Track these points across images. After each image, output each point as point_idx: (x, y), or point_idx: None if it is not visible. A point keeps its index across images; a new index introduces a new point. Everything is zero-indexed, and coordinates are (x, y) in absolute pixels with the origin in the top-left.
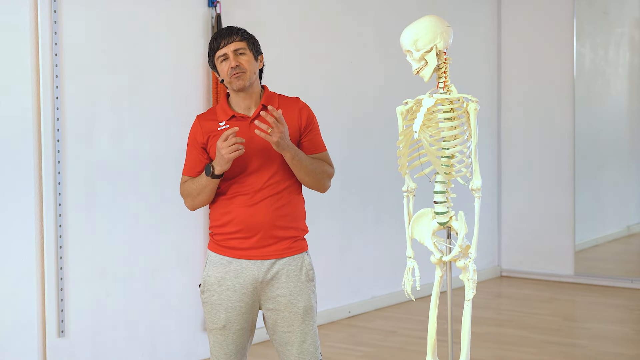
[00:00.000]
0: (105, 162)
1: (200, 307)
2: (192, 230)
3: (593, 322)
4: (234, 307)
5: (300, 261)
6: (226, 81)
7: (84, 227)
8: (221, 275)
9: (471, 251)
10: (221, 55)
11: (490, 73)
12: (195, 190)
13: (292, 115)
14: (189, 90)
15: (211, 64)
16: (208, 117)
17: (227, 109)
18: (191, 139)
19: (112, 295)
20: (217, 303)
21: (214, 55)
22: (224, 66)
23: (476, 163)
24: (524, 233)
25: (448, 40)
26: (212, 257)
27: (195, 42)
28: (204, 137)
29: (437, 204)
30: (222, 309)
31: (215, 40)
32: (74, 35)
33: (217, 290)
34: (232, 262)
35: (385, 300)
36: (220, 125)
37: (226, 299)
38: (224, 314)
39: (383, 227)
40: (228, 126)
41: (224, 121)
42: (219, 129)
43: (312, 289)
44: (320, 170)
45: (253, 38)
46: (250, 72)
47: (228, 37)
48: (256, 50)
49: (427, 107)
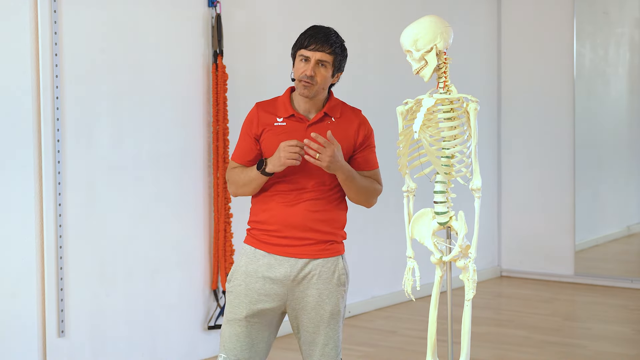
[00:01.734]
0: (106, 162)
1: (201, 307)
2: (193, 231)
3: (593, 322)
4: (260, 299)
5: (335, 264)
6: (295, 80)
7: (84, 227)
8: (253, 267)
9: (471, 251)
10: (304, 55)
11: (490, 73)
12: (242, 180)
13: (350, 128)
14: (189, 90)
15: (292, 52)
16: (267, 109)
17: (288, 106)
18: (246, 126)
19: (112, 295)
20: (242, 293)
21: (296, 47)
22: (300, 66)
23: (476, 163)
24: (524, 233)
25: (448, 40)
26: (247, 249)
27: (195, 42)
28: (259, 128)
29: (437, 204)
30: (247, 299)
31: (308, 37)
32: (74, 35)
33: (245, 280)
34: (266, 256)
35: (385, 300)
36: (277, 121)
37: (253, 290)
38: (247, 304)
39: (383, 227)
40: (285, 123)
41: (282, 117)
42: (276, 124)
43: (342, 294)
44: (370, 189)
45: (343, 54)
46: (320, 86)
47: (321, 44)
48: (339, 67)
49: (427, 107)
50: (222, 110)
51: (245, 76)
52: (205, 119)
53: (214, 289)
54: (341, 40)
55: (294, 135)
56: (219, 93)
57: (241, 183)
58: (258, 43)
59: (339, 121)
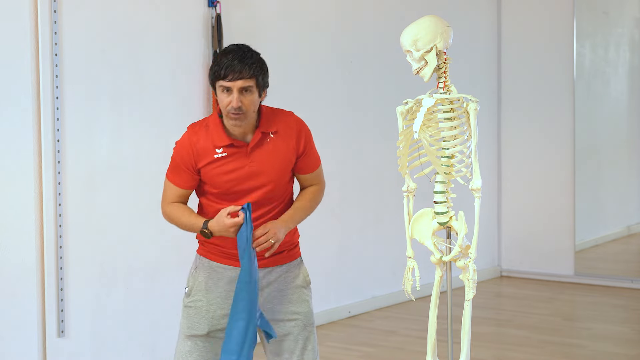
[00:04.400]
0: (106, 162)
1: None
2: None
3: (593, 322)
4: (223, 314)
5: (297, 268)
6: (223, 112)
7: (84, 227)
8: (213, 282)
9: (471, 251)
10: (224, 86)
11: (490, 73)
12: (183, 222)
13: (290, 141)
14: (189, 90)
15: (211, 83)
16: (201, 138)
17: (223, 135)
18: (180, 159)
19: (112, 295)
20: (204, 309)
21: (214, 77)
22: (224, 98)
23: (476, 163)
24: (524, 233)
25: (448, 40)
26: (204, 262)
27: (196, 42)
28: (198, 161)
29: (437, 204)
30: (210, 315)
31: (224, 68)
32: (74, 35)
33: (206, 296)
34: (226, 269)
35: (385, 300)
36: (216, 152)
37: (215, 305)
38: (210, 320)
39: (383, 227)
40: (226, 153)
41: (221, 148)
42: (216, 156)
43: (309, 295)
44: (314, 205)
45: (264, 70)
46: (250, 112)
47: (239, 72)
48: (263, 85)
49: (427, 107)
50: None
51: None
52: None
53: None
54: (257, 56)
55: (237, 162)
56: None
57: (181, 225)
58: (258, 43)
59: (277, 136)
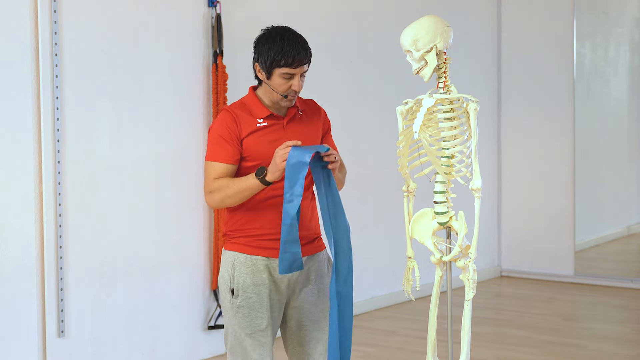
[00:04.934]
0: (106, 162)
1: (201, 307)
2: (193, 230)
3: (593, 322)
4: (274, 305)
5: (325, 258)
6: (276, 96)
7: (84, 227)
8: (256, 275)
9: (471, 251)
10: (288, 72)
11: (490, 73)
12: (233, 190)
13: (318, 118)
14: (189, 90)
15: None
16: (243, 111)
17: (263, 107)
18: (224, 131)
19: (112, 295)
20: (257, 304)
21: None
22: (284, 83)
23: (476, 163)
24: (523, 233)
25: (448, 40)
26: (240, 258)
27: (195, 42)
28: (242, 130)
29: (437, 204)
30: (264, 309)
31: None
32: (74, 35)
33: (255, 291)
34: (267, 260)
35: (385, 300)
36: (258, 122)
37: (266, 297)
38: (266, 313)
39: (383, 227)
40: (266, 123)
41: (262, 118)
42: (258, 125)
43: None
44: (344, 174)
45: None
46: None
47: (303, 59)
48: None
49: (427, 107)
50: None
51: (245, 76)
52: (205, 119)
53: (214, 289)
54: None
55: (276, 134)
56: (219, 93)
57: (231, 192)
58: None
59: (305, 113)
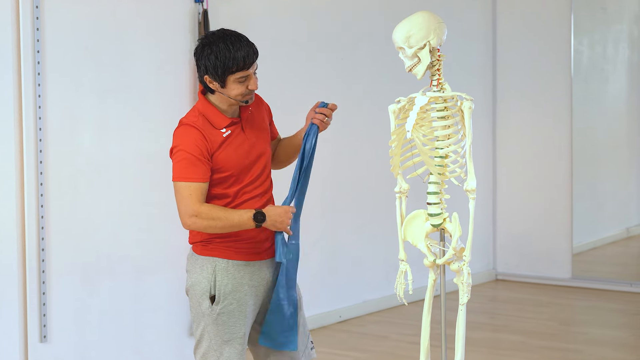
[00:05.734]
0: (90, 161)
1: (188, 310)
2: (178, 230)
3: (591, 327)
4: (252, 311)
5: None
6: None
7: (67, 229)
8: (237, 281)
9: (465, 254)
10: (243, 75)
11: (485, 71)
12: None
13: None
14: (175, 87)
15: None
16: (204, 125)
17: (220, 115)
18: (195, 149)
19: (97, 298)
20: (237, 310)
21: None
22: (238, 86)
23: (470, 163)
24: (519, 235)
25: (442, 36)
26: (221, 264)
27: (182, 39)
28: (211, 146)
29: (431, 206)
30: (243, 315)
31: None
32: (57, 32)
33: (236, 297)
34: (248, 265)
35: (377, 305)
36: (223, 133)
37: (245, 304)
38: (244, 320)
39: (375, 229)
40: (230, 132)
41: (224, 127)
42: (224, 135)
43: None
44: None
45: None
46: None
47: (252, 56)
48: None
49: (420, 106)
50: None
51: None
52: None
53: None
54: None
55: (239, 138)
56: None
57: (221, 225)
58: None
59: (253, 107)
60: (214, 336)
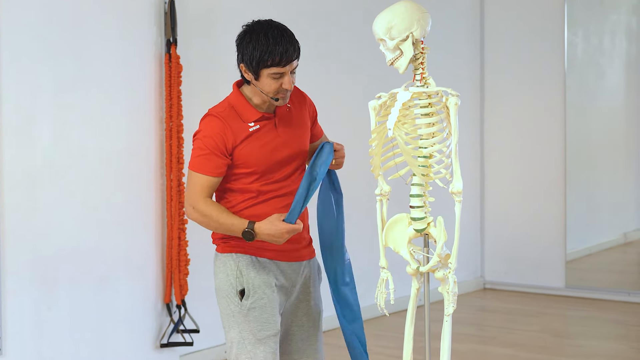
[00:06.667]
0: (48, 160)
1: (153, 322)
2: (144, 237)
3: (586, 339)
4: (280, 308)
5: (317, 264)
6: (267, 96)
7: (24, 233)
8: (266, 275)
9: (451, 261)
10: (277, 72)
11: (472, 64)
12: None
13: (305, 107)
14: (140, 82)
15: (252, 68)
16: (232, 116)
17: (251, 109)
18: (212, 142)
19: (55, 308)
20: (269, 305)
21: (263, 64)
22: (273, 83)
23: (457, 163)
24: (509, 241)
25: (425, 27)
26: (245, 259)
27: (147, 30)
28: (234, 139)
29: (414, 209)
30: (275, 311)
31: (279, 54)
32: (13, 24)
33: (266, 292)
34: (273, 263)
35: None
36: (250, 127)
37: (275, 301)
38: (277, 316)
39: (353, 234)
40: (258, 126)
41: (253, 122)
42: (251, 130)
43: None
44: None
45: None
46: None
47: (292, 55)
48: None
49: (402, 102)
50: (176, 105)
51: (201, 67)
52: (157, 114)
53: (167, 303)
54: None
55: (268, 135)
56: (173, 86)
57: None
58: (215, 31)
59: (293, 105)
60: (247, 334)
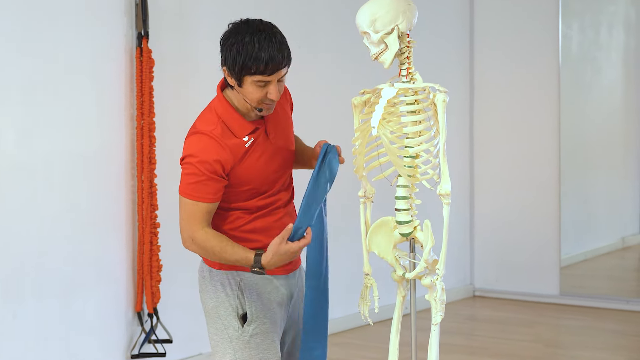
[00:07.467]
0: (11, 161)
1: (123, 332)
2: (113, 242)
3: (581, 349)
4: (281, 329)
5: (301, 272)
6: (250, 105)
7: None
8: (265, 297)
9: (439, 267)
10: (262, 80)
11: (461, 59)
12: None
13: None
14: (110, 78)
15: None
16: (225, 134)
17: (241, 120)
18: (209, 167)
19: (20, 317)
20: (270, 330)
21: (247, 71)
22: (257, 92)
23: (445, 164)
24: (500, 245)
25: (412, 20)
26: (247, 278)
27: (117, 23)
28: (234, 160)
29: (399, 212)
30: (277, 336)
31: (265, 62)
32: None
33: (268, 315)
34: (272, 279)
35: (339, 324)
36: (245, 142)
37: (276, 323)
38: (277, 341)
39: (335, 238)
40: (253, 139)
41: (246, 136)
42: (247, 145)
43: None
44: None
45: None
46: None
47: (279, 64)
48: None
49: (387, 99)
50: (148, 102)
51: (174, 62)
52: (128, 111)
53: (138, 311)
54: (284, 37)
55: (262, 145)
56: (144, 82)
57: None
58: (189, 23)
59: (278, 103)
60: (253, 357)
